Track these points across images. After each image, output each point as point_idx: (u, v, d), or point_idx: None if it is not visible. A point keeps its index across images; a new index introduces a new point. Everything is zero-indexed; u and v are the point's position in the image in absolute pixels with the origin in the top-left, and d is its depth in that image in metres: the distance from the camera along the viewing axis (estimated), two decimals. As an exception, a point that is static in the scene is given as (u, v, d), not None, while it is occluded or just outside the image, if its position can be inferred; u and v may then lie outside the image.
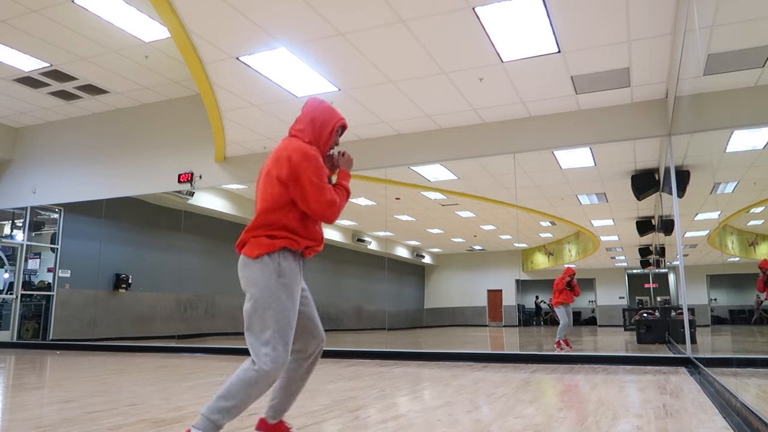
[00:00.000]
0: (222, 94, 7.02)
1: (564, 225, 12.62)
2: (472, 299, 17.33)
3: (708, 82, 4.50)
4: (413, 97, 6.85)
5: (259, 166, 8.58)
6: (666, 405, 3.55)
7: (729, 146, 5.01)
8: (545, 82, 6.35)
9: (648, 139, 6.70)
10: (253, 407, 3.49)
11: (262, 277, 2.19)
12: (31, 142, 10.36)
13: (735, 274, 5.56)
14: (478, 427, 2.87)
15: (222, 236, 11.85)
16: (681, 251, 6.20)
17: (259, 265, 2.20)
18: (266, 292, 2.18)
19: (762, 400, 3.62)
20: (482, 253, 17.13)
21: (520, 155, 7.38)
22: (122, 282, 10.70)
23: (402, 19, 5.26)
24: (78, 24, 6.51)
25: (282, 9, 5.22)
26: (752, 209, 4.55)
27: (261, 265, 2.20)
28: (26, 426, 2.95)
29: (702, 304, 6.74)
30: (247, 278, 2.24)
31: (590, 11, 5.04)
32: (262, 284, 2.18)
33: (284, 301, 2.19)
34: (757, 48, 3.95)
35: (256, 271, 2.20)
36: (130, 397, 3.94)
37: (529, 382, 4.71)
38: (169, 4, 5.43)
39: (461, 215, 12.76)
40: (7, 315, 9.93)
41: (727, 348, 6.10)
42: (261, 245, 2.22)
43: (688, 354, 6.00)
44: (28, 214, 10.36)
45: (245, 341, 2.24)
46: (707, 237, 6.17)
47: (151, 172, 9.13)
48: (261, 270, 2.20)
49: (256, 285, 2.19)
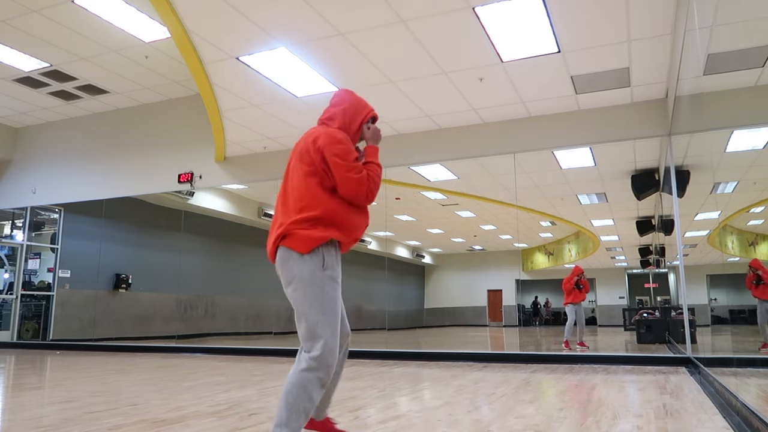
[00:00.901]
0: (222, 94, 7.02)
1: (564, 225, 12.61)
2: (472, 299, 17.32)
3: (708, 82, 4.50)
4: (413, 97, 6.85)
5: (259, 166, 8.59)
6: (666, 405, 3.55)
7: (729, 146, 5.00)
8: (545, 82, 6.35)
9: (648, 139, 6.70)
10: (253, 407, 3.49)
11: (308, 269, 2.17)
12: (31, 142, 10.36)
13: (735, 274, 5.55)
14: (478, 427, 2.87)
15: (222, 236, 11.87)
16: (681, 251, 6.20)
17: (303, 258, 2.18)
18: (312, 285, 2.17)
19: (762, 400, 3.62)
20: (482, 253, 17.13)
21: (520, 155, 7.38)
22: (122, 282, 10.70)
23: (402, 19, 5.26)
24: (78, 24, 6.50)
25: (282, 9, 5.22)
26: (752, 209, 4.54)
27: (306, 257, 2.18)
28: (26, 426, 2.95)
29: (702, 304, 6.74)
30: (291, 271, 2.20)
31: (590, 11, 5.04)
32: (308, 277, 2.17)
33: (330, 292, 2.20)
34: (757, 48, 3.94)
35: (301, 264, 2.18)
36: (130, 397, 3.94)
37: (529, 382, 4.71)
38: (169, 4, 5.43)
39: (461, 215, 12.76)
40: (7, 315, 9.93)
41: (727, 348, 6.10)
42: (304, 238, 2.18)
43: (688, 354, 6.00)
44: (28, 214, 10.36)
45: (245, 341, 2.24)
46: (707, 237, 6.16)
47: (151, 172, 9.13)
48: (306, 262, 2.17)
49: (301, 278, 2.17)
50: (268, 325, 11.11)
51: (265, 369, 5.96)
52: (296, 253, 2.19)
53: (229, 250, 12.37)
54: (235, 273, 12.46)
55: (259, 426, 2.92)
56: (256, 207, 10.76)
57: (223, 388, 4.39)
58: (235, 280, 12.40)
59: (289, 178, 2.32)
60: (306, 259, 2.18)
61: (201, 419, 3.11)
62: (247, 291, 12.31)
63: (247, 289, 12.35)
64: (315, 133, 2.29)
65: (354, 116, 2.40)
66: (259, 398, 3.87)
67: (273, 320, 11.40)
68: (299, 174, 2.26)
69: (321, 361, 2.12)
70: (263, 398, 3.88)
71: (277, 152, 8.58)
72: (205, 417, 3.17)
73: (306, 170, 2.24)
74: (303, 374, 2.12)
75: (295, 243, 2.19)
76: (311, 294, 2.17)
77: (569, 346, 8.00)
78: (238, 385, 4.62)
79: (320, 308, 2.16)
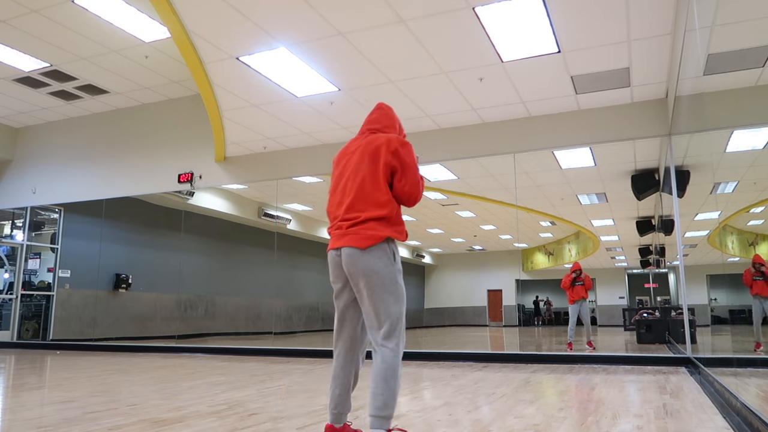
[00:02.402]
0: (222, 94, 7.02)
1: (564, 225, 12.62)
2: (472, 299, 17.33)
3: (708, 82, 4.49)
4: (413, 97, 6.85)
5: (259, 166, 8.59)
6: (666, 405, 3.55)
7: (729, 146, 5.00)
8: (545, 82, 6.35)
9: (648, 139, 6.70)
10: (253, 407, 3.49)
11: (383, 263, 2.35)
12: (31, 142, 10.36)
13: (735, 274, 5.55)
14: (478, 427, 2.87)
15: (222, 236, 11.87)
16: (681, 251, 6.20)
17: (377, 252, 2.35)
18: (388, 278, 2.36)
19: (762, 400, 3.62)
20: (482, 253, 17.13)
21: (520, 155, 7.38)
22: (122, 282, 10.70)
23: (402, 19, 5.26)
24: (78, 24, 6.51)
25: (282, 9, 5.22)
26: (752, 209, 4.53)
27: (379, 252, 2.36)
28: (26, 426, 2.95)
29: (702, 304, 6.74)
30: (367, 267, 2.35)
31: (590, 11, 5.04)
32: (383, 271, 2.35)
33: (401, 284, 2.42)
34: (757, 48, 3.94)
35: (376, 259, 2.35)
36: (130, 397, 3.94)
37: (529, 382, 4.71)
38: (169, 4, 5.43)
39: (461, 215, 12.76)
40: (7, 315, 9.93)
41: (727, 348, 6.10)
42: (375, 236, 2.36)
43: (688, 354, 6.00)
44: (28, 214, 10.36)
45: (245, 341, 2.26)
46: (707, 237, 6.16)
47: (151, 172, 9.13)
48: (379, 257, 2.35)
49: (378, 272, 2.34)
50: (268, 325, 11.10)
51: (266, 369, 5.96)
52: (369, 249, 2.38)
53: (229, 250, 12.37)
54: (235, 273, 12.46)
55: (259, 426, 2.92)
56: (256, 207, 10.76)
57: (223, 388, 4.39)
58: (235, 280, 12.40)
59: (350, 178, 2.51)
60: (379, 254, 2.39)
61: (201, 419, 3.11)
62: (247, 291, 12.32)
63: (247, 289, 12.36)
64: (382, 138, 2.52)
65: (401, 129, 2.76)
66: (260, 398, 3.88)
67: (273, 320, 11.40)
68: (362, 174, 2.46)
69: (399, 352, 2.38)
70: (263, 398, 3.88)
71: (277, 152, 8.59)
72: (205, 417, 3.17)
73: (377, 172, 2.44)
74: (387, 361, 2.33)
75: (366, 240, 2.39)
76: (387, 287, 2.37)
77: (572, 347, 7.97)
78: (239, 385, 4.62)
79: (395, 299, 2.40)
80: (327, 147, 8.32)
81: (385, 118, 2.70)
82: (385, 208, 2.40)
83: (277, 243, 9.82)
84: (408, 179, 2.44)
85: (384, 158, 2.43)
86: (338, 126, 7.75)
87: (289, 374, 5.43)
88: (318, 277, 14.22)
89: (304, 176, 8.64)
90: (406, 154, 2.46)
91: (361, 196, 2.42)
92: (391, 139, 2.48)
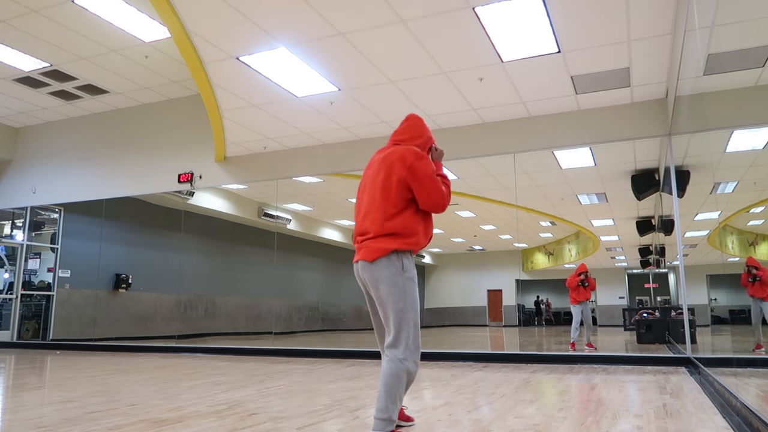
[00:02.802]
0: (222, 94, 7.02)
1: (564, 225, 12.61)
2: (472, 299, 17.32)
3: (708, 82, 4.49)
4: (413, 97, 6.85)
5: (259, 166, 8.60)
6: (666, 405, 3.55)
7: (729, 146, 5.00)
8: (545, 82, 6.35)
9: (648, 139, 6.70)
10: (253, 407, 3.49)
11: (389, 273, 2.45)
12: (31, 142, 10.36)
13: (735, 274, 5.56)
14: (478, 427, 2.87)
15: (222, 236, 11.87)
16: (681, 251, 6.19)
17: (384, 263, 2.45)
18: (395, 288, 2.45)
19: (762, 400, 3.62)
20: (482, 253, 17.13)
21: (520, 155, 7.37)
22: (122, 282, 10.70)
23: (402, 19, 5.26)
24: (78, 24, 6.51)
25: (282, 9, 5.22)
26: (752, 209, 4.54)
27: (386, 262, 2.45)
28: (26, 426, 2.95)
29: (702, 304, 6.74)
30: (373, 277, 2.48)
31: (590, 11, 5.04)
32: (389, 281, 2.45)
33: (411, 293, 2.49)
34: (757, 48, 3.94)
35: (383, 269, 2.45)
36: (130, 397, 3.94)
37: (529, 382, 4.71)
38: (169, 4, 5.43)
39: (461, 215, 12.76)
40: (7, 315, 9.93)
41: (727, 348, 6.10)
42: (381, 249, 2.46)
43: (688, 354, 6.00)
44: (28, 214, 10.36)
45: (245, 341, 2.29)
46: (707, 237, 6.16)
47: (151, 172, 9.13)
48: (386, 267, 2.45)
49: (383, 282, 2.44)
50: (268, 325, 11.10)
51: (265, 369, 5.96)
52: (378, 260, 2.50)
53: (229, 250, 12.37)
54: (235, 273, 12.46)
55: (259, 426, 2.92)
56: (256, 207, 10.77)
57: (223, 388, 4.39)
58: (235, 280, 12.40)
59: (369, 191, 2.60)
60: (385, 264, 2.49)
61: (201, 419, 3.11)
62: (247, 291, 12.31)
63: (247, 289, 12.35)
64: (398, 151, 2.57)
65: (426, 141, 2.78)
66: (259, 398, 3.88)
67: (273, 320, 11.40)
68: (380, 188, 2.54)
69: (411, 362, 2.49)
70: (263, 398, 3.88)
71: (277, 152, 8.59)
72: (205, 417, 3.17)
73: (392, 185, 2.51)
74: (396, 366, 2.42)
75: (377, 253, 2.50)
76: (394, 296, 2.47)
77: (575, 347, 7.96)
78: (238, 385, 4.62)
79: (408, 307, 2.50)
80: (327, 147, 8.32)
81: (411, 129, 2.76)
82: (393, 221, 2.48)
83: (277, 243, 9.82)
84: (425, 190, 2.50)
85: (398, 173, 2.51)
86: (338, 126, 7.75)
87: (289, 374, 5.43)
88: (318, 277, 14.23)
89: (304, 176, 8.64)
90: (420, 166, 2.51)
91: (372, 209, 2.53)
92: (406, 154, 2.54)
